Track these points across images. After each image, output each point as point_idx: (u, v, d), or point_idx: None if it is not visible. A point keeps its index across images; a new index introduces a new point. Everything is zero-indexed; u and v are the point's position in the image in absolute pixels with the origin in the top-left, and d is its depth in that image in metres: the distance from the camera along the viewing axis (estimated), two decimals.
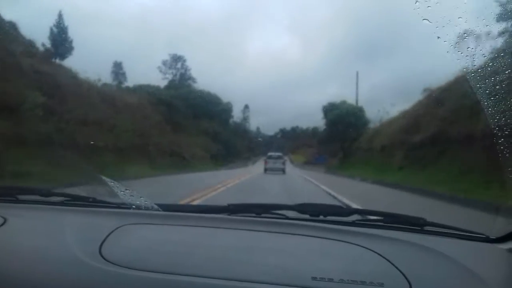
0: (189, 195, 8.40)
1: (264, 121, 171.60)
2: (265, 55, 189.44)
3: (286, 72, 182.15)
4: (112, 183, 1.39)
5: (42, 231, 1.05)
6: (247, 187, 13.66)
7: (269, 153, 32.52)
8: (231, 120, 76.21)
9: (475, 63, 1.76)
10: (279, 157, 28.78)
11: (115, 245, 0.95)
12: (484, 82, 1.54)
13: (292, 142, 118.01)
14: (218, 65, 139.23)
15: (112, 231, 1.02)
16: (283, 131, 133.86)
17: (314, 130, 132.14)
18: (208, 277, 0.80)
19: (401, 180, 15.35)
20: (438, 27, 1.58)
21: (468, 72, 1.65)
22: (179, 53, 75.19)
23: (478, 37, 1.89)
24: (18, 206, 1.31)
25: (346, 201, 8.32)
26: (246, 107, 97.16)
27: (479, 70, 1.63)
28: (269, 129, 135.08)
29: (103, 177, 1.42)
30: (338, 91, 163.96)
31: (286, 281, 0.79)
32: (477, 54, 1.82)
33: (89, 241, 0.96)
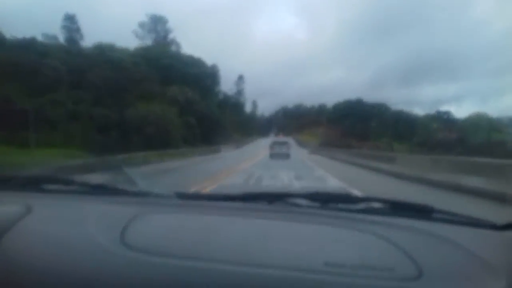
0: None
1: (265, 100, 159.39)
2: (269, 34, 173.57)
3: (290, 52, 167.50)
4: (132, 173, 1.47)
5: (65, 219, 1.07)
6: None
7: (275, 139, 32.61)
8: (217, 89, 59.61)
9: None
10: (284, 143, 28.54)
11: (135, 232, 0.97)
12: None
13: (296, 121, 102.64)
14: (220, 43, 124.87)
15: (132, 219, 1.04)
16: (284, 109, 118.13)
17: (321, 107, 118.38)
18: (224, 262, 0.84)
19: None
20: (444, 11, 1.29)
21: None
22: (182, 33, 58.97)
23: None
24: (42, 195, 1.34)
25: None
26: (240, 78, 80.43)
27: None
28: (270, 108, 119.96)
29: (124, 167, 1.28)
30: (344, 72, 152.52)
31: (299, 267, 0.82)
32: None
33: (111, 228, 0.98)
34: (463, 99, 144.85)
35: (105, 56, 40.77)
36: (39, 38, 41.83)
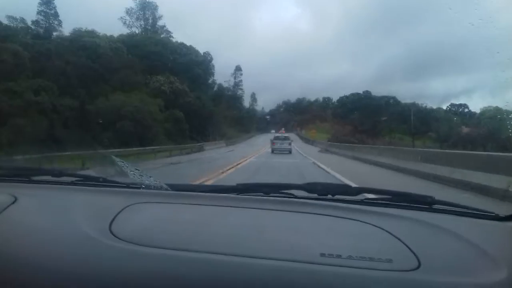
0: None
1: (265, 95, 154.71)
2: (271, 25, 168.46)
3: (292, 44, 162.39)
4: (122, 163, 1.41)
5: (52, 210, 1.06)
6: None
7: (276, 134, 31.80)
8: (211, 80, 54.25)
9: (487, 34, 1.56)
10: (285, 138, 27.58)
11: (125, 223, 0.95)
12: None
13: (299, 116, 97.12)
14: (219, 34, 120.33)
15: (122, 209, 1.02)
16: (286, 104, 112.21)
17: (326, 101, 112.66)
18: (217, 253, 0.82)
19: None
20: None
21: None
22: (178, 23, 54.11)
23: None
24: (30, 186, 1.31)
25: None
26: (238, 68, 75.03)
27: None
28: (270, 103, 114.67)
29: (113, 157, 1.46)
30: (349, 65, 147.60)
31: (294, 258, 0.81)
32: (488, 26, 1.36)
33: (99, 219, 0.96)
34: (472, 92, 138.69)
35: (80, 41, 35.67)
36: (5, 21, 36.61)
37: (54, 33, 39.58)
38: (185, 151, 23.66)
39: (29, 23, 38.44)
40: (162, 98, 33.98)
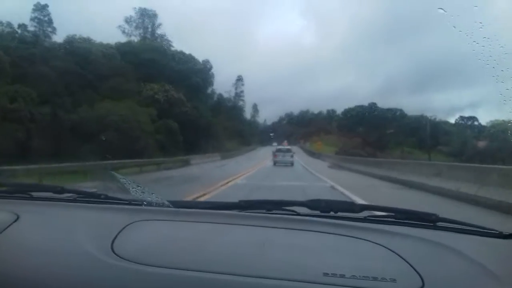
0: None
1: (268, 107, 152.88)
2: (274, 38, 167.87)
3: (296, 56, 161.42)
4: (124, 180, 1.42)
5: (54, 228, 1.06)
6: None
7: (278, 147, 31.44)
8: (210, 90, 51.85)
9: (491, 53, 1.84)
10: (287, 151, 28.05)
11: (127, 241, 0.95)
12: None
13: (302, 129, 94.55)
14: (221, 46, 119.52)
15: (124, 227, 1.02)
16: (289, 116, 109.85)
17: (330, 113, 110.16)
18: (220, 273, 0.81)
19: None
20: (453, 16, 1.64)
21: None
22: (182, 36, 52.65)
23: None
24: (31, 203, 1.31)
25: None
26: (239, 79, 72.99)
27: None
28: (273, 115, 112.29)
29: (115, 174, 1.44)
30: (353, 78, 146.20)
31: (297, 277, 0.80)
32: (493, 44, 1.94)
33: (101, 237, 0.96)
34: (477, 107, 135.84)
35: (71, 47, 33.55)
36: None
37: (47, 40, 37.69)
38: (165, 165, 20.10)
39: (17, 28, 36.51)
40: (155, 107, 31.54)
